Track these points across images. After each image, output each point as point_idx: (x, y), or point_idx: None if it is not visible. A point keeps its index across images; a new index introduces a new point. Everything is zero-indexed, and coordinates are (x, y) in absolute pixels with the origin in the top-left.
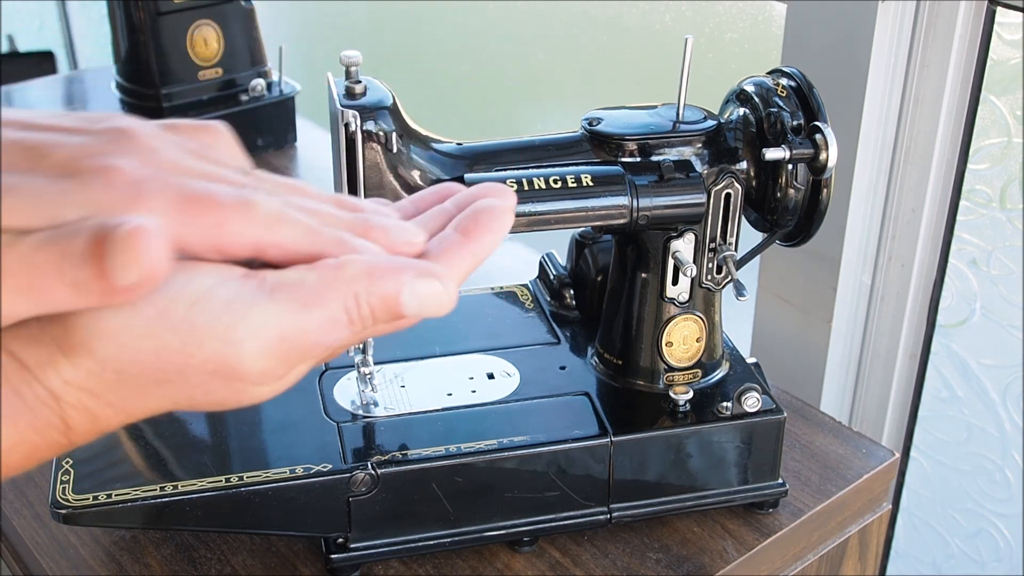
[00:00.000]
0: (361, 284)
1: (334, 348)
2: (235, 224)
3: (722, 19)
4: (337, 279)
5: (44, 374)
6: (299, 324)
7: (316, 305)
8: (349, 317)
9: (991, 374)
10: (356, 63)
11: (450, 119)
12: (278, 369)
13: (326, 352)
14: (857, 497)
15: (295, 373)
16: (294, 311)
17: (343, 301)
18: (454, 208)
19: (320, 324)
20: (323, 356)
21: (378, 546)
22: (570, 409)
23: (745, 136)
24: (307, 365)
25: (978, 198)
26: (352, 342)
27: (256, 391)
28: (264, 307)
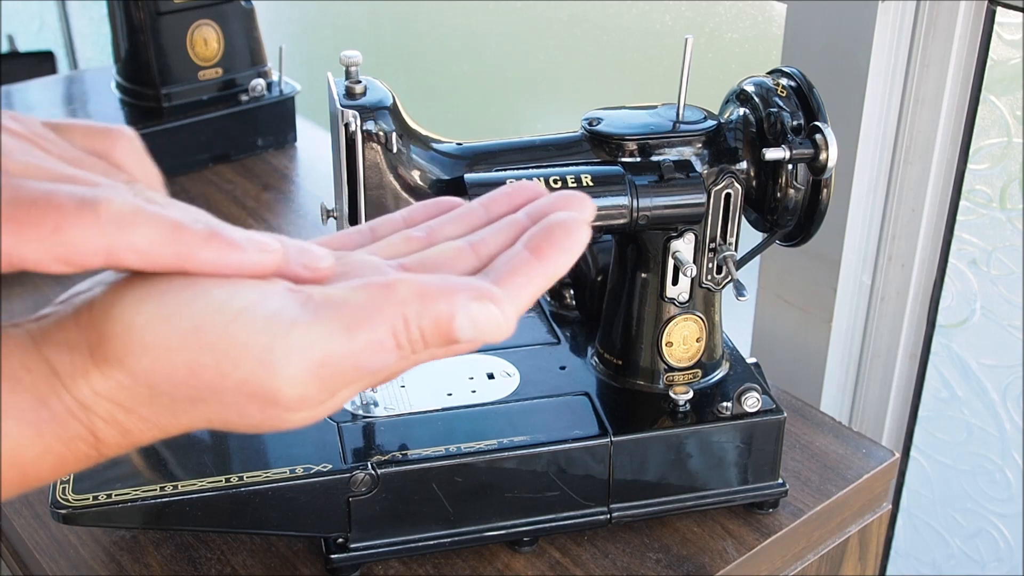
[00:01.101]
0: (412, 306)
1: (380, 374)
2: (76, 228)
3: (722, 19)
4: (387, 299)
5: (74, 383)
6: (343, 347)
7: (362, 327)
8: (397, 341)
9: (991, 374)
10: (356, 63)
11: (450, 119)
12: (318, 395)
13: (371, 378)
14: (857, 497)
15: (337, 399)
16: (338, 332)
17: (391, 323)
18: (527, 220)
19: (365, 348)
20: (368, 382)
21: (378, 546)
22: (570, 409)
23: (745, 136)
24: (350, 391)
25: (978, 198)
26: (400, 369)
27: (293, 417)
28: (306, 327)
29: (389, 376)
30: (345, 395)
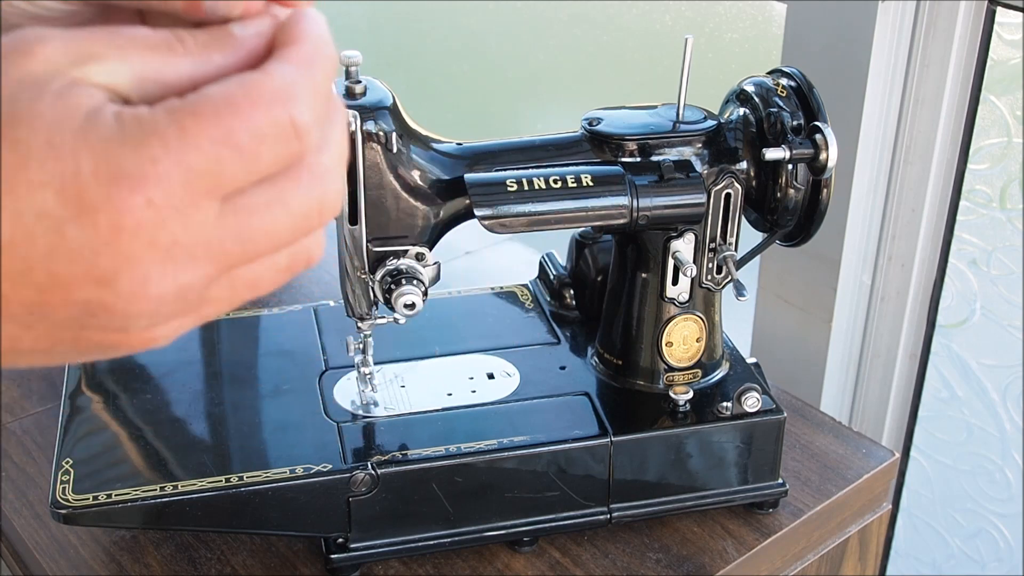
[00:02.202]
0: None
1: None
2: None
3: (722, 19)
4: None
5: None
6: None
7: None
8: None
9: (991, 374)
10: (356, 63)
11: (450, 119)
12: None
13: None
14: (857, 497)
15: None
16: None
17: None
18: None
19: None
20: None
21: (378, 546)
22: (570, 409)
23: (745, 136)
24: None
25: (978, 198)
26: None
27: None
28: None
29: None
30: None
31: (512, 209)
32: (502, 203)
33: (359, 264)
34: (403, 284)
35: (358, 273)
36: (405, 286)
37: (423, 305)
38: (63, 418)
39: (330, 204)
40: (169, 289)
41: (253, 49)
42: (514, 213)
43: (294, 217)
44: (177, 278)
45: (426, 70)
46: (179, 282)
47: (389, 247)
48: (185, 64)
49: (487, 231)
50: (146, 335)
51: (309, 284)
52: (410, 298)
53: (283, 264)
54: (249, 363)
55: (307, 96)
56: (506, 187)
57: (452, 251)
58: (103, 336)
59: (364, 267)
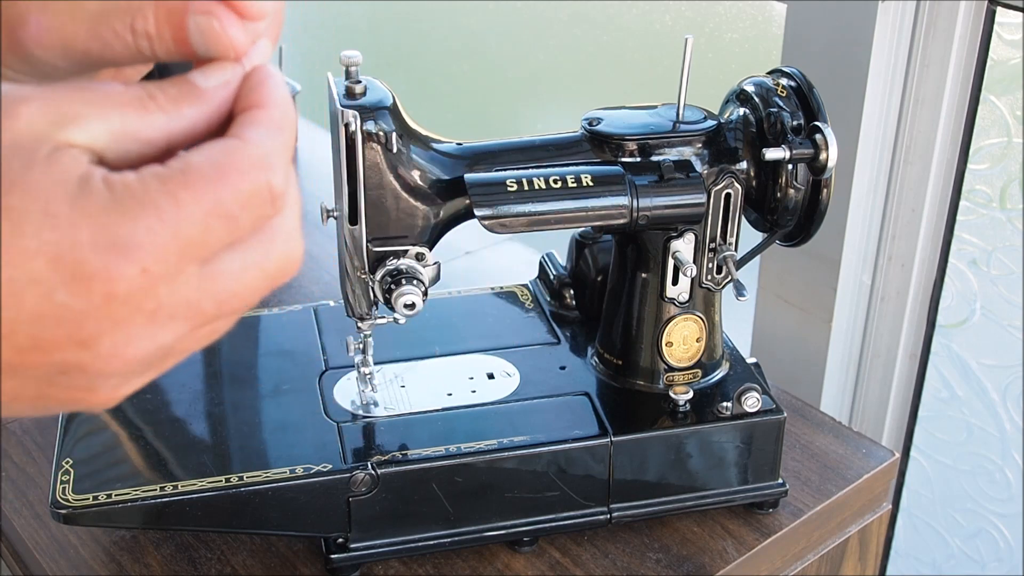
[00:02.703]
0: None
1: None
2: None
3: (722, 19)
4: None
5: None
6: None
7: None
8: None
9: (991, 374)
10: (356, 63)
11: (450, 119)
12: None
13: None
14: (857, 497)
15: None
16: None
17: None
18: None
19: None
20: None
21: (378, 546)
22: (570, 409)
23: (745, 136)
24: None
25: (978, 198)
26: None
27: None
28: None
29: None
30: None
31: (512, 209)
32: (502, 203)
33: (359, 264)
34: (403, 284)
35: (358, 273)
36: (405, 286)
37: (423, 305)
38: (63, 418)
39: (294, 263)
40: (147, 350)
41: (220, 100)
42: (514, 213)
43: (267, 279)
44: (156, 340)
45: (426, 70)
46: (157, 343)
47: (389, 247)
48: (159, 119)
49: (487, 231)
50: (112, 394)
51: (309, 284)
52: (410, 298)
53: (240, 316)
54: (249, 363)
55: (281, 162)
56: (506, 187)
57: (452, 251)
58: (68, 394)
59: (364, 267)
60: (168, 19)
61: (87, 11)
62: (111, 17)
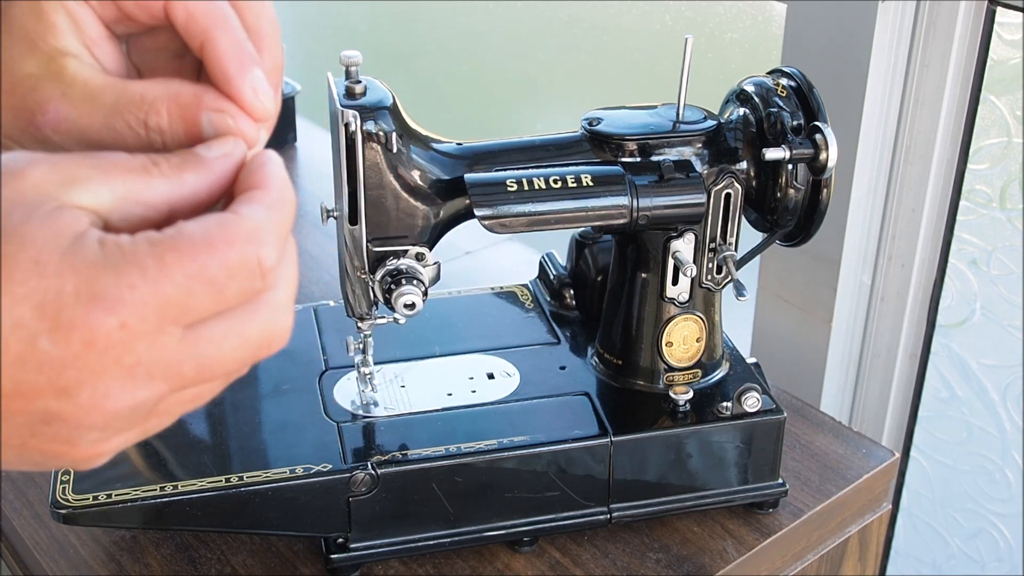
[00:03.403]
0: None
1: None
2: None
3: (722, 19)
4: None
5: None
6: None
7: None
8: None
9: (991, 374)
10: (356, 63)
11: (450, 119)
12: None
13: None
14: (857, 497)
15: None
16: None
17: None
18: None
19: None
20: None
21: (378, 546)
22: (570, 409)
23: (745, 136)
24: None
25: (978, 198)
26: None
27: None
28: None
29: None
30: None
31: (512, 209)
32: (502, 203)
33: (359, 264)
34: (403, 284)
35: (358, 273)
36: (405, 286)
37: (423, 305)
38: None
39: (280, 338)
40: (126, 405)
41: (222, 170)
42: (514, 213)
43: (248, 348)
44: (135, 395)
45: (426, 70)
46: (136, 399)
47: (389, 247)
48: (161, 185)
49: (487, 231)
50: (93, 449)
51: (309, 284)
52: (410, 298)
53: (225, 383)
54: None
55: (273, 238)
56: (506, 187)
57: (452, 251)
58: (51, 446)
59: (364, 267)
60: (181, 114)
61: (103, 104)
62: (125, 111)
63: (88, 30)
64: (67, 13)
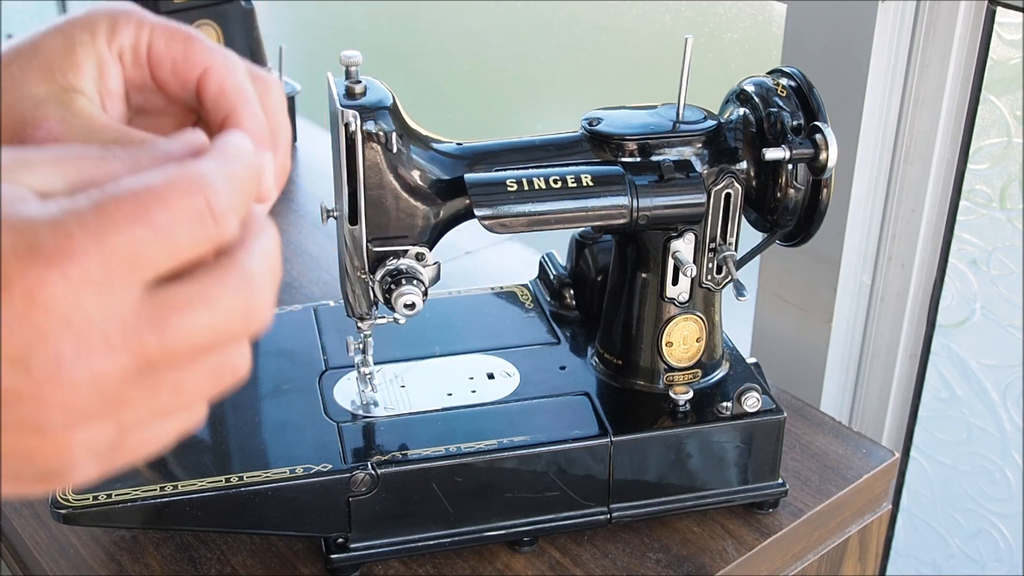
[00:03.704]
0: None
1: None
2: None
3: (722, 19)
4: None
5: None
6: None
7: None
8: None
9: (991, 374)
10: (356, 63)
11: (450, 119)
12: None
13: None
14: (857, 497)
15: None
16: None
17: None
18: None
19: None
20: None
21: (378, 546)
22: (570, 409)
23: (745, 136)
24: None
25: (978, 198)
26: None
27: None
28: None
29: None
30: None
31: (512, 209)
32: (502, 203)
33: (359, 264)
34: (403, 284)
35: (358, 273)
36: (405, 286)
37: (423, 305)
38: None
39: (257, 311)
40: (83, 374)
41: (181, 158)
42: (514, 213)
43: (217, 319)
44: (91, 363)
45: (426, 70)
46: (93, 368)
47: (389, 247)
48: (117, 167)
49: (487, 231)
50: (63, 438)
51: (309, 284)
52: (410, 298)
53: (207, 372)
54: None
55: (223, 183)
56: (506, 187)
57: (452, 251)
58: (20, 440)
59: (364, 267)
60: None
61: (101, 138)
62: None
63: (109, 83)
64: (96, 60)
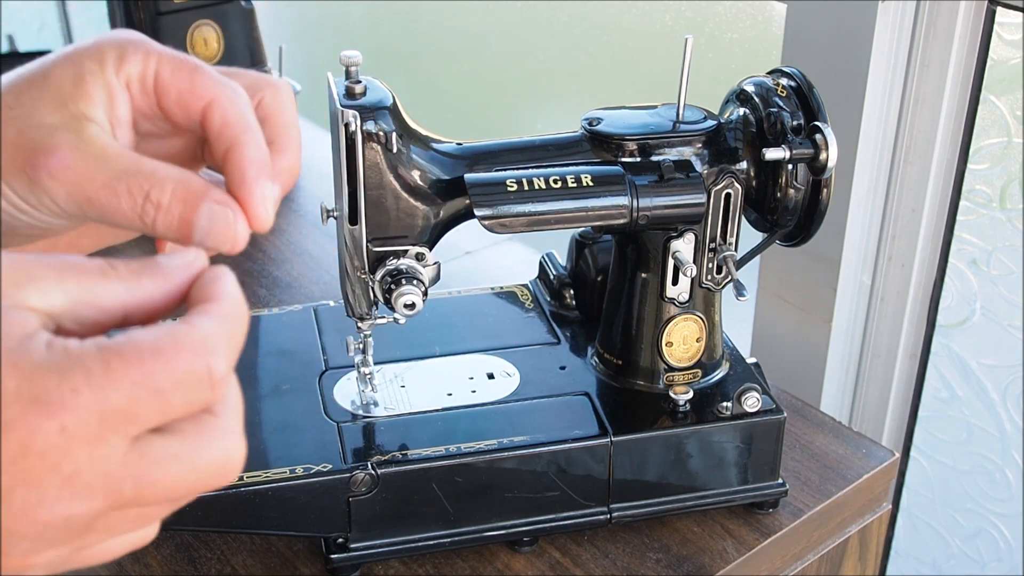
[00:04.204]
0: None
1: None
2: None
3: (722, 19)
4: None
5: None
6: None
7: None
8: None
9: (991, 374)
10: (356, 63)
11: (450, 119)
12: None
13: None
14: (857, 497)
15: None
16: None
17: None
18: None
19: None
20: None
21: (378, 546)
22: (570, 409)
23: (745, 136)
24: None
25: (978, 198)
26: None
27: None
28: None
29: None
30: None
31: (512, 209)
32: (502, 203)
33: (359, 264)
34: (403, 284)
35: (358, 273)
36: (405, 286)
37: (423, 305)
38: None
39: (234, 468)
40: (59, 516)
41: (180, 279)
42: (514, 213)
43: (198, 476)
44: (70, 507)
45: (426, 70)
46: (70, 511)
47: (389, 247)
48: (117, 288)
49: (487, 231)
50: (23, 560)
51: (309, 284)
52: (410, 298)
53: (172, 506)
54: (249, 363)
55: (224, 348)
56: (506, 187)
57: (452, 251)
58: None
59: (364, 267)
60: (184, 198)
61: (111, 167)
62: (131, 178)
63: (119, 111)
64: (106, 89)
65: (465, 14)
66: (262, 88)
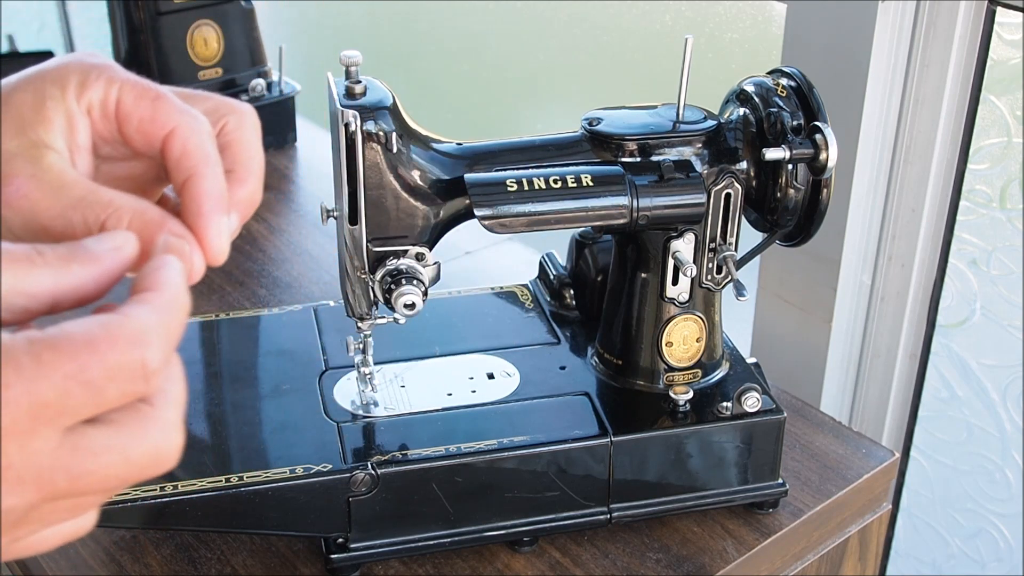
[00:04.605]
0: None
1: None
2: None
3: (722, 19)
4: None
5: None
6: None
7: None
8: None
9: (991, 374)
10: (356, 63)
11: (450, 119)
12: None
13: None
14: (857, 497)
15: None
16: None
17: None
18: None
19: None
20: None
21: (378, 546)
22: (570, 409)
23: (745, 136)
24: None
25: (978, 198)
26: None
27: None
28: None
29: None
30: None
31: (512, 209)
32: (502, 203)
33: (359, 264)
34: (403, 284)
35: (358, 273)
36: (405, 286)
37: (423, 305)
38: None
39: (169, 458)
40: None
41: (110, 263)
42: (514, 213)
43: (130, 467)
44: (3, 500)
45: (426, 70)
46: (3, 504)
47: (389, 247)
48: (45, 276)
49: (487, 231)
50: None
51: (309, 284)
52: (410, 298)
53: (106, 495)
54: (249, 363)
55: (160, 341)
56: (506, 187)
57: (452, 251)
58: None
59: (364, 267)
60: (141, 227)
61: (68, 196)
62: (87, 208)
63: (78, 137)
64: (66, 116)
65: (465, 14)
66: (226, 114)
